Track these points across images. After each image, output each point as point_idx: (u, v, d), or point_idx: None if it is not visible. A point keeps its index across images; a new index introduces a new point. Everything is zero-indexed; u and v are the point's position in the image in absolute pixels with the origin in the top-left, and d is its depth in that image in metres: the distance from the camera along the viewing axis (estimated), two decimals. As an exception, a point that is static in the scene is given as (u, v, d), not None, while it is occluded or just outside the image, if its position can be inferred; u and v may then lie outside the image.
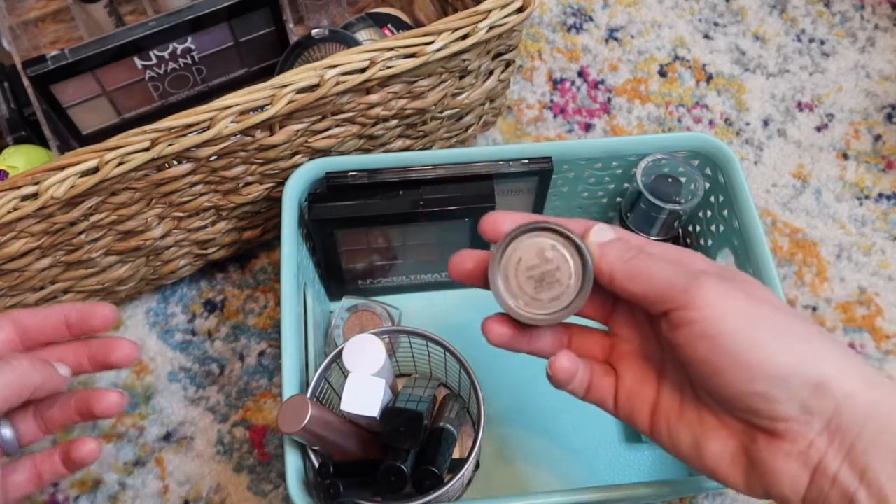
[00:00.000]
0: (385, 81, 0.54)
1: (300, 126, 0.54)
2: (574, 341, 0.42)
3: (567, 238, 0.37)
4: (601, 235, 0.37)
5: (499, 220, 0.39)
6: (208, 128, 0.50)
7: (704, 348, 0.33)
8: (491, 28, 0.54)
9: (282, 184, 0.56)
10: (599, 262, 0.37)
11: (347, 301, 0.63)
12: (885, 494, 0.30)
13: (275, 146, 0.55)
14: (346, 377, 0.48)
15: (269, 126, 0.53)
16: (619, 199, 0.64)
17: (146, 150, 0.49)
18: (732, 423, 0.34)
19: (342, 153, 0.59)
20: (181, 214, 0.58)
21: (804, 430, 0.32)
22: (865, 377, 0.32)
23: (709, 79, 0.79)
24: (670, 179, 0.58)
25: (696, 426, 0.36)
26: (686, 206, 0.57)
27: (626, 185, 0.62)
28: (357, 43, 0.66)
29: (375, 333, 0.51)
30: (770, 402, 0.32)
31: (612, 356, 0.41)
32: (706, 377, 0.33)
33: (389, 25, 0.71)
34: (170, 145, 0.49)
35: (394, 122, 0.59)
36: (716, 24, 0.83)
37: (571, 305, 0.38)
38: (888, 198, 0.73)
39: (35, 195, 0.47)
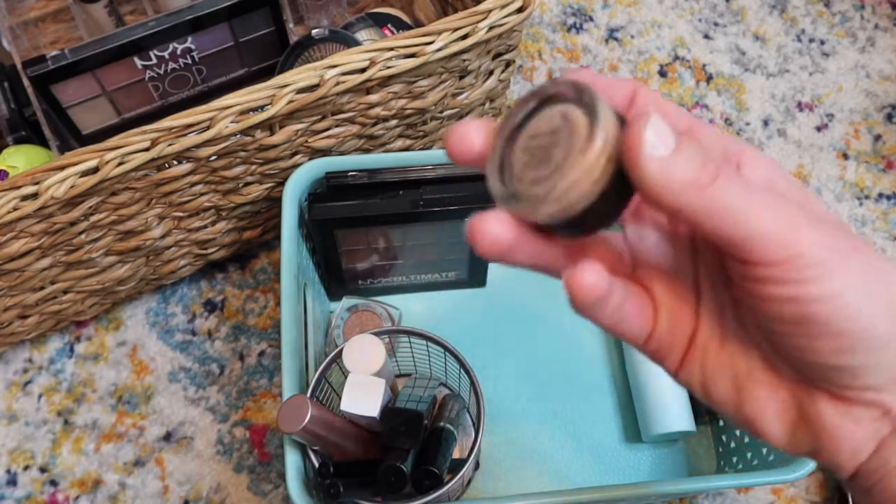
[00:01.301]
0: (385, 81, 0.54)
1: (300, 126, 0.54)
2: (590, 249, 0.30)
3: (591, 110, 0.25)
4: (658, 147, 0.25)
5: (468, 133, 0.27)
6: (208, 128, 0.50)
7: (803, 312, 0.26)
8: (491, 28, 0.54)
9: (282, 184, 0.56)
10: (660, 192, 0.25)
11: (347, 301, 0.63)
12: None
13: (275, 146, 0.55)
14: (346, 377, 0.48)
15: (269, 126, 0.53)
16: (619, 199, 0.64)
17: (146, 150, 0.49)
18: (788, 372, 0.28)
19: (342, 153, 0.59)
20: (181, 214, 0.58)
21: (883, 399, 0.27)
22: None
23: (709, 79, 0.79)
24: (670, 179, 0.57)
25: (741, 368, 0.29)
26: (686, 206, 0.57)
27: (626, 185, 0.62)
28: (357, 43, 0.66)
29: (375, 333, 0.51)
30: (859, 375, 0.27)
31: (637, 269, 0.30)
32: (790, 338, 0.27)
33: (389, 25, 0.71)
34: (170, 145, 0.49)
35: (394, 122, 0.59)
36: (716, 24, 0.83)
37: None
38: (888, 198, 0.73)
39: (35, 195, 0.47)
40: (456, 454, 0.52)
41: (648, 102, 0.30)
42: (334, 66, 0.51)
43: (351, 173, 0.56)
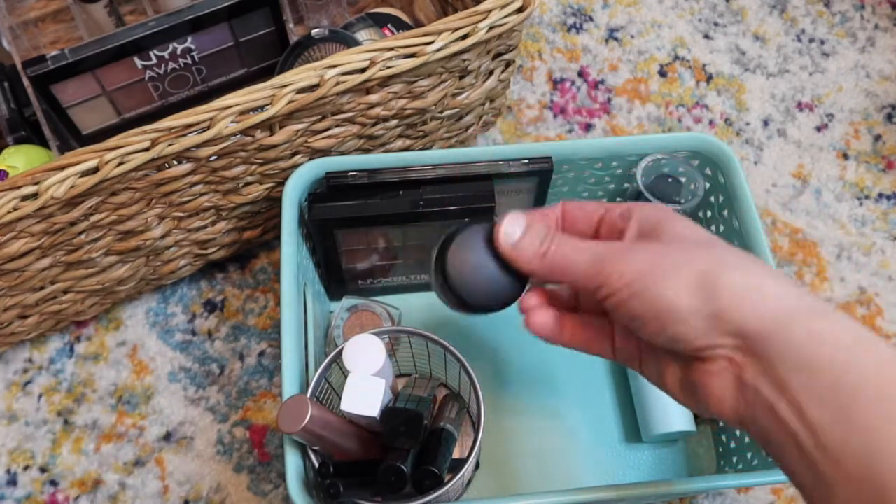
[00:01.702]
0: (385, 81, 0.54)
1: (300, 126, 0.54)
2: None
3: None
4: (509, 237, 0.40)
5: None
6: (208, 128, 0.50)
7: (624, 312, 0.37)
8: (491, 28, 0.54)
9: (282, 184, 0.56)
10: (518, 264, 0.40)
11: (347, 301, 0.63)
12: (799, 402, 0.32)
13: (275, 146, 0.55)
14: (346, 377, 0.48)
15: (269, 126, 0.53)
16: (619, 199, 0.64)
17: (146, 150, 0.49)
18: (673, 356, 0.38)
19: (342, 153, 0.59)
20: (181, 214, 0.58)
21: (720, 352, 0.35)
22: (763, 290, 0.35)
23: (709, 79, 0.79)
24: (670, 179, 0.58)
25: (658, 362, 0.40)
26: (686, 206, 0.57)
27: (626, 185, 0.62)
28: (357, 43, 0.66)
29: (375, 333, 0.51)
30: (684, 341, 0.36)
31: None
32: (636, 332, 0.38)
33: (389, 25, 0.71)
34: (170, 145, 0.49)
35: (394, 122, 0.59)
36: (716, 24, 0.83)
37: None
38: (888, 198, 0.73)
39: (35, 195, 0.47)
40: (456, 454, 0.52)
41: (564, 206, 0.43)
42: (334, 66, 0.51)
43: (351, 173, 0.56)
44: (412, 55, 0.53)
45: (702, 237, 0.39)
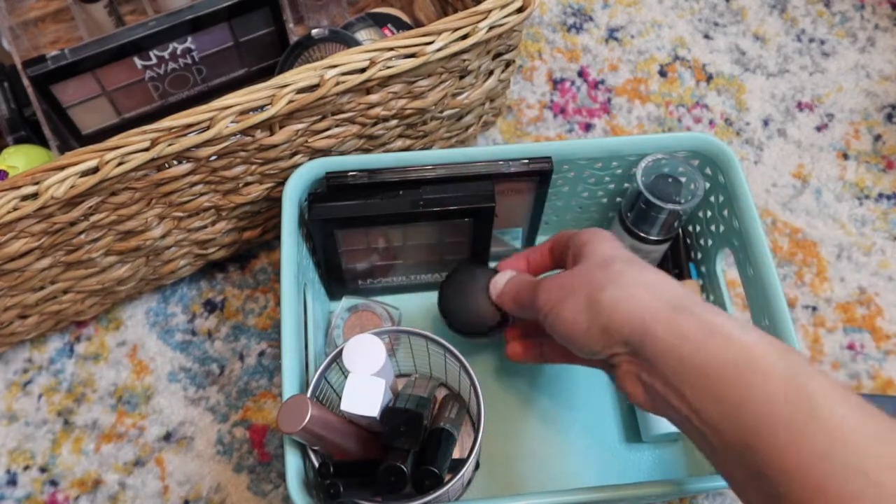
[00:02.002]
0: (385, 81, 0.54)
1: (300, 126, 0.54)
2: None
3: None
4: (495, 288, 0.54)
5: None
6: (208, 128, 0.50)
7: (551, 332, 0.47)
8: (491, 28, 0.54)
9: (282, 184, 0.56)
10: (503, 305, 0.53)
11: (347, 301, 0.63)
12: (682, 392, 0.39)
13: (275, 146, 0.55)
14: (346, 377, 0.48)
15: (269, 126, 0.53)
16: (619, 199, 0.64)
17: (146, 150, 0.49)
18: (601, 364, 0.47)
19: (342, 153, 0.59)
20: (181, 214, 0.58)
21: (620, 358, 0.43)
22: (634, 303, 0.41)
23: (709, 79, 0.79)
24: (670, 179, 0.58)
25: (599, 367, 0.49)
26: (686, 206, 0.57)
27: (626, 185, 0.62)
28: (357, 43, 0.66)
29: (375, 333, 0.51)
30: (593, 352, 0.44)
31: None
32: (570, 348, 0.46)
33: (389, 25, 0.71)
34: (170, 145, 0.49)
35: (394, 122, 0.59)
36: (716, 24, 0.83)
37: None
38: (888, 198, 0.73)
39: (35, 195, 0.47)
40: (456, 454, 0.52)
41: (553, 240, 0.54)
42: (334, 66, 0.51)
43: (351, 173, 0.56)
44: (412, 55, 0.53)
45: (603, 257, 0.45)
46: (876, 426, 0.34)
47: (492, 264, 0.64)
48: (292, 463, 0.46)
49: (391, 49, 0.52)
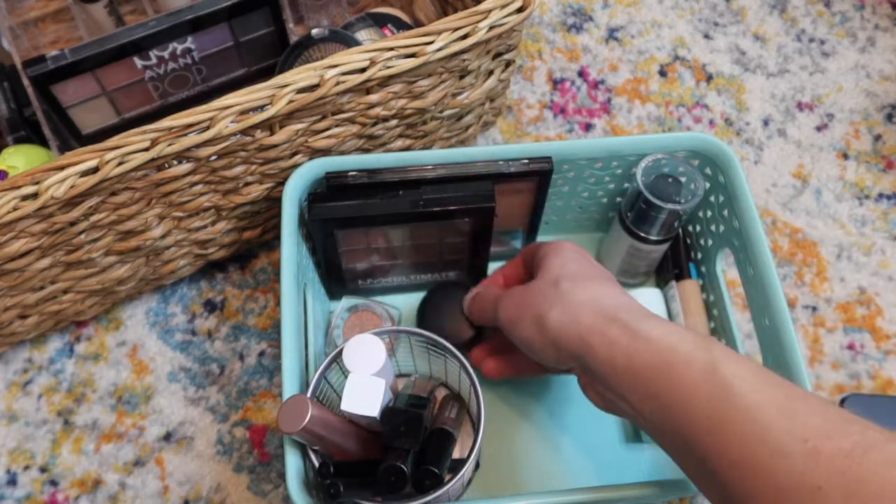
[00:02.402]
0: (385, 81, 0.54)
1: (300, 126, 0.54)
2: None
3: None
4: (465, 303, 0.59)
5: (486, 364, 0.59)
6: (208, 128, 0.50)
7: (515, 343, 0.50)
8: (491, 28, 0.54)
9: (282, 184, 0.56)
10: (472, 318, 0.58)
11: (347, 301, 0.63)
12: (624, 396, 0.42)
13: (275, 146, 0.55)
14: (346, 377, 0.48)
15: (269, 126, 0.53)
16: (619, 199, 0.64)
17: (146, 150, 0.49)
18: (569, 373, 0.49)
19: (342, 153, 0.59)
20: (181, 214, 0.58)
21: (576, 371, 0.47)
22: (575, 319, 0.45)
23: (709, 79, 0.79)
24: (670, 179, 0.58)
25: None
26: (686, 206, 0.57)
27: (626, 185, 0.62)
28: (357, 43, 0.66)
29: (375, 333, 0.51)
30: (551, 365, 0.48)
31: None
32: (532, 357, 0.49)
33: (389, 25, 0.71)
34: (170, 145, 0.49)
35: (394, 122, 0.59)
36: (716, 24, 0.83)
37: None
38: (888, 198, 0.73)
39: (35, 195, 0.47)
40: (456, 454, 0.52)
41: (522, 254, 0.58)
42: (334, 66, 0.51)
43: (351, 173, 0.56)
44: (412, 55, 0.53)
45: (553, 275, 0.48)
46: (782, 401, 0.37)
47: (492, 264, 0.65)
48: (292, 463, 0.46)
49: (391, 49, 0.52)
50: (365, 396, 0.47)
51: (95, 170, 0.48)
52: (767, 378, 0.38)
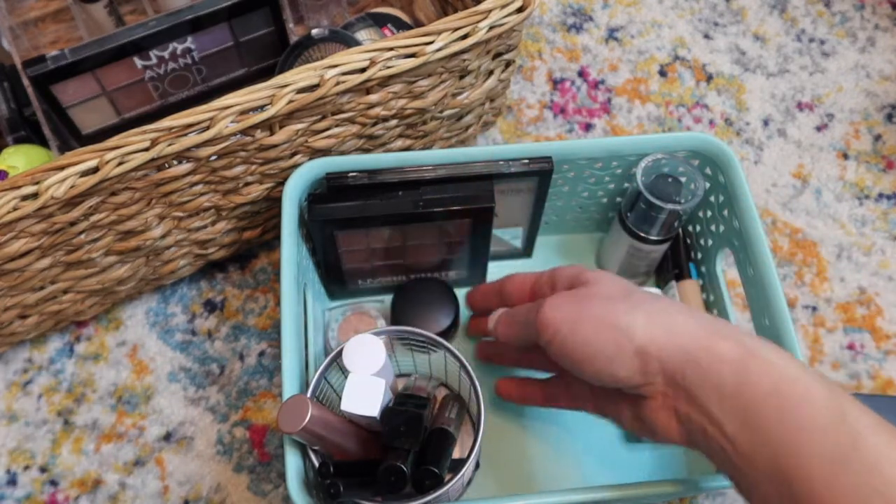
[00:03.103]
0: (385, 81, 0.54)
1: (300, 126, 0.54)
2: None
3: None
4: (490, 323, 0.52)
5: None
6: (208, 128, 0.50)
7: (561, 360, 0.43)
8: (491, 28, 0.54)
9: (282, 184, 0.56)
10: (495, 336, 0.52)
11: (345, 301, 0.63)
12: (719, 422, 0.37)
13: (275, 146, 0.55)
14: (346, 377, 0.48)
15: (269, 126, 0.53)
16: (619, 199, 0.64)
17: (146, 150, 0.49)
18: (621, 394, 0.43)
19: (342, 153, 0.59)
20: (181, 214, 0.58)
21: (655, 388, 0.41)
22: (670, 327, 0.40)
23: (709, 79, 0.79)
24: (670, 179, 0.58)
25: (610, 402, 0.46)
26: (686, 206, 0.57)
27: (626, 184, 0.62)
28: (357, 43, 0.66)
29: (375, 333, 0.51)
30: (622, 382, 0.41)
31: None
32: (579, 376, 0.43)
33: (389, 25, 0.71)
34: (170, 145, 0.49)
35: (394, 122, 0.59)
36: (716, 24, 0.83)
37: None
38: (888, 198, 0.73)
39: (35, 195, 0.47)
40: (456, 454, 0.52)
41: (502, 285, 0.55)
42: (334, 66, 0.51)
43: (351, 174, 0.56)
44: (412, 55, 0.53)
45: (615, 286, 0.44)
46: None
47: (491, 264, 0.65)
48: (292, 463, 0.46)
49: (391, 49, 0.52)
50: (365, 396, 0.47)
51: (95, 170, 0.48)
52: (891, 431, 0.35)
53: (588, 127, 0.77)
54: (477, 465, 0.55)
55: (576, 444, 0.61)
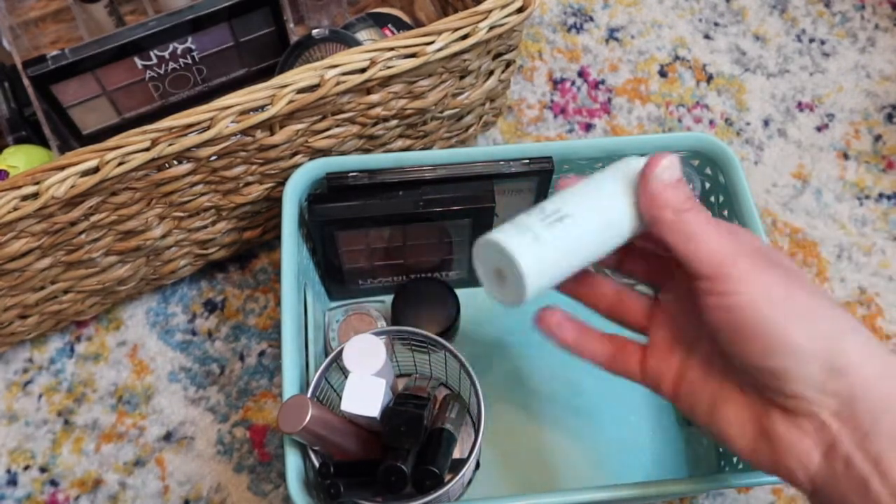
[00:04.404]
0: (385, 81, 0.54)
1: (300, 126, 0.54)
2: (623, 300, 0.43)
3: None
4: (665, 175, 0.36)
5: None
6: (208, 128, 0.50)
7: (731, 318, 0.34)
8: (491, 28, 0.54)
9: (282, 184, 0.56)
10: (650, 202, 0.36)
11: (344, 302, 0.63)
12: (887, 468, 0.31)
13: (275, 146, 0.55)
14: (346, 377, 0.48)
15: (270, 126, 0.53)
16: (619, 199, 0.64)
17: (146, 150, 0.49)
18: (752, 393, 0.36)
19: (342, 153, 0.59)
20: (181, 214, 0.58)
21: (817, 410, 0.33)
22: (888, 365, 0.33)
23: (709, 79, 0.79)
24: (670, 179, 0.58)
25: (717, 392, 0.37)
26: (686, 206, 0.57)
27: (626, 185, 0.62)
28: (357, 43, 0.66)
29: (375, 333, 0.51)
30: (785, 379, 0.33)
31: (651, 321, 0.42)
32: (728, 344, 0.35)
33: (390, 25, 0.71)
34: (170, 145, 0.49)
35: (394, 122, 0.59)
36: (716, 24, 0.83)
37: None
38: (888, 198, 0.73)
39: (35, 195, 0.47)
40: (456, 454, 0.52)
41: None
42: (334, 66, 0.51)
43: (351, 174, 0.56)
44: (412, 55, 0.53)
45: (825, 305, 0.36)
46: None
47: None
48: (292, 463, 0.46)
49: (391, 49, 0.52)
50: (365, 396, 0.47)
51: (96, 170, 0.48)
52: None
53: (588, 127, 0.77)
54: (477, 465, 0.55)
55: (576, 444, 0.61)
